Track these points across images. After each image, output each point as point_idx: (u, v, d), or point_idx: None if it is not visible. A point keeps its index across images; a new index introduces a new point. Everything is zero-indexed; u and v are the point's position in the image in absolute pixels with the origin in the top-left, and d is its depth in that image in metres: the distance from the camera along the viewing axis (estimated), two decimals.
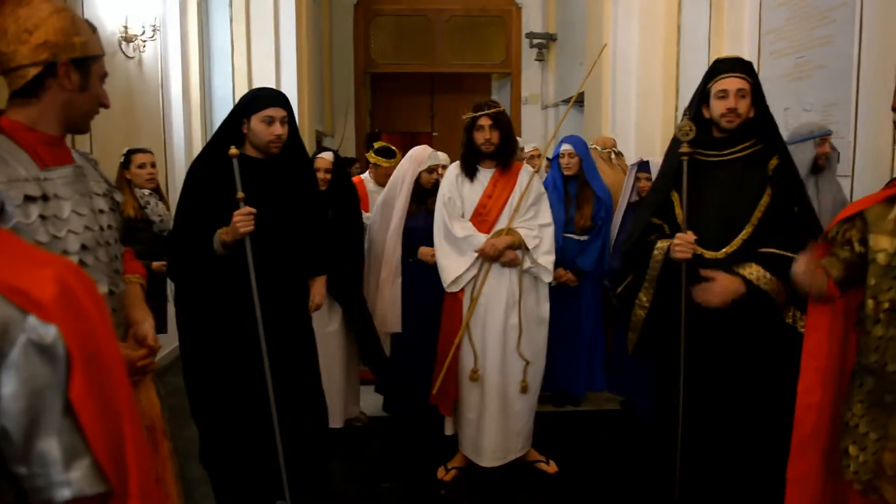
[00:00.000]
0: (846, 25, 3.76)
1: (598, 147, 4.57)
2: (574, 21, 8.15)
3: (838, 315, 2.12)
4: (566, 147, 4.04)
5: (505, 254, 3.12)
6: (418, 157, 3.80)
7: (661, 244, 2.63)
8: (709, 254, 2.54)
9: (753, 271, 2.46)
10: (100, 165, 1.75)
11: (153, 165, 3.84)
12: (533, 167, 3.46)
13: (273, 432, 2.50)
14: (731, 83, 2.53)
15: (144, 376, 1.65)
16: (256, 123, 2.51)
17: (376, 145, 4.52)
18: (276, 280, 2.55)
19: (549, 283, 3.28)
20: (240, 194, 2.39)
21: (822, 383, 2.14)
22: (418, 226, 3.65)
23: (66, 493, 0.87)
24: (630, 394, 4.10)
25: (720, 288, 2.47)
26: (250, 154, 2.55)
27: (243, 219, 2.37)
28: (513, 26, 9.69)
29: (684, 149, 2.56)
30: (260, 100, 2.54)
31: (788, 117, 4.29)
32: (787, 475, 2.19)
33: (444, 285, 3.20)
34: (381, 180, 4.32)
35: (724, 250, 2.53)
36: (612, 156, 4.60)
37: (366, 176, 4.55)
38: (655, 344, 2.76)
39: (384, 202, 3.82)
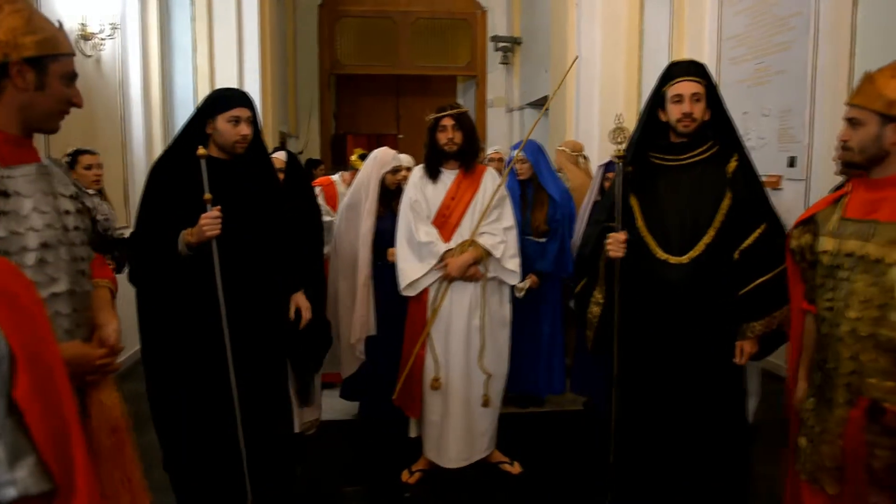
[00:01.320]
0: (803, 33, 3.86)
1: (567, 150, 4.65)
2: (539, 26, 8.23)
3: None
4: (515, 153, 4.09)
5: (468, 270, 3.16)
6: (382, 159, 3.79)
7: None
8: (673, 259, 2.56)
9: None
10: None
11: (100, 167, 3.90)
12: (495, 170, 3.51)
13: (237, 438, 2.47)
14: (686, 87, 2.55)
15: (104, 377, 1.63)
16: (222, 123, 2.48)
17: (358, 152, 4.54)
18: (243, 283, 2.51)
19: (518, 296, 3.27)
20: (207, 195, 2.36)
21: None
22: (386, 228, 3.64)
23: (11, 492, 0.87)
24: (593, 393, 4.14)
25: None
26: (214, 155, 2.51)
27: (210, 222, 2.34)
28: (478, 29, 9.74)
29: (617, 153, 2.60)
30: (226, 100, 2.52)
31: (747, 121, 4.38)
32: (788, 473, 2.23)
33: (400, 288, 3.22)
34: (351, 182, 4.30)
35: (688, 255, 2.53)
36: (581, 159, 4.68)
37: (336, 177, 4.53)
38: (610, 342, 2.79)
39: (349, 206, 3.80)
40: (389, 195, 3.74)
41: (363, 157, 4.40)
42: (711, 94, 2.58)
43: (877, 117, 1.85)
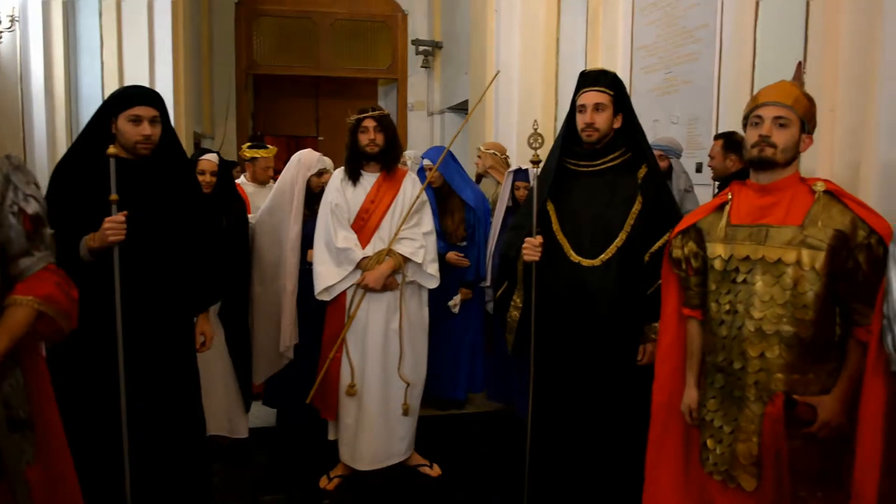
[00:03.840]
0: (709, 44, 4.04)
1: (497, 153, 4.71)
2: (459, 30, 8.30)
3: (683, 320, 2.28)
4: (426, 162, 4.11)
5: (386, 281, 3.16)
6: (307, 161, 3.73)
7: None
8: (586, 261, 2.63)
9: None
10: None
11: None
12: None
13: (122, 453, 2.37)
14: (589, 98, 2.63)
15: None
16: (123, 123, 2.38)
17: (247, 145, 4.42)
18: (146, 293, 2.41)
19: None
20: (113, 196, 2.26)
21: (671, 382, 2.29)
22: (310, 232, 3.59)
23: None
24: (511, 398, 4.19)
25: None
26: (120, 155, 2.41)
27: (114, 226, 2.24)
28: (399, 33, 9.73)
29: (533, 157, 2.68)
30: (127, 98, 2.41)
31: (658, 129, 4.55)
32: (645, 470, 2.32)
33: (315, 292, 3.19)
34: (261, 176, 4.20)
35: (600, 257, 2.62)
36: (507, 161, 4.75)
37: (241, 179, 4.41)
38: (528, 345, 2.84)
39: (271, 209, 3.70)
40: (314, 198, 3.68)
41: (252, 146, 4.32)
42: (619, 104, 2.66)
43: (799, 122, 1.97)
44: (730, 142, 3.45)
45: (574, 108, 2.70)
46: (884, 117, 2.36)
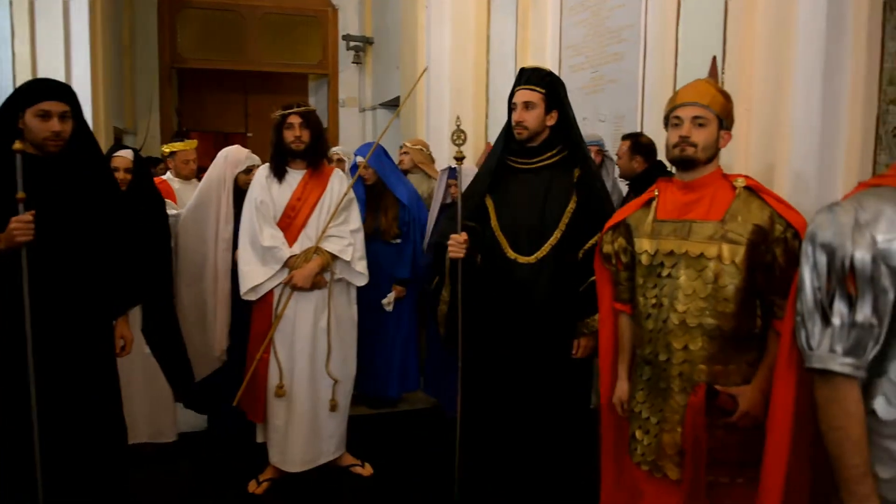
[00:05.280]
0: (634, 44, 4.13)
1: (423, 148, 4.70)
2: (390, 26, 8.24)
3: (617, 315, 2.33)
4: (359, 159, 4.08)
5: (314, 279, 3.11)
6: (234, 158, 3.63)
7: None
8: (522, 258, 2.66)
9: None
10: None
11: None
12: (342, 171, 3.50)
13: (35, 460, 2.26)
14: (519, 96, 2.67)
15: None
16: (31, 118, 2.25)
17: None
18: (58, 296, 2.29)
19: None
20: (20, 194, 2.15)
21: (611, 377, 2.34)
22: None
23: None
24: (442, 394, 4.20)
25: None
26: (29, 151, 2.28)
27: (21, 226, 2.12)
28: (329, 28, 9.59)
29: (456, 154, 2.70)
30: (35, 92, 2.29)
31: (586, 126, 4.62)
32: (601, 467, 2.37)
33: (241, 292, 3.12)
34: (183, 170, 4.08)
35: (535, 255, 2.65)
36: (432, 155, 4.75)
37: (168, 175, 4.27)
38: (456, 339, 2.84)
39: (197, 207, 3.58)
40: (242, 196, 3.58)
41: (176, 138, 4.22)
42: (552, 102, 2.69)
43: (717, 120, 2.03)
44: (636, 144, 3.56)
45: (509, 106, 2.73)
46: (797, 116, 2.45)
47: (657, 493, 2.11)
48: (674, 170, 2.18)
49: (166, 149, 4.18)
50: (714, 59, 3.10)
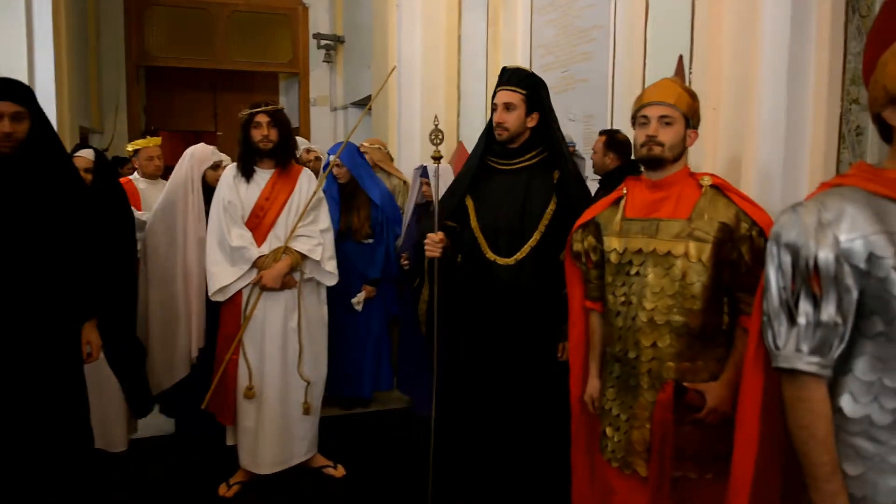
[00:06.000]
0: (603, 44, 4.16)
1: (381, 147, 4.69)
2: (361, 25, 8.20)
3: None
4: (332, 158, 4.06)
5: (283, 279, 3.09)
6: (201, 155, 3.59)
7: None
8: (501, 260, 2.66)
9: None
10: None
11: None
12: (313, 169, 3.46)
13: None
14: (500, 97, 2.67)
15: None
16: None
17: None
18: (20, 299, 2.24)
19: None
20: None
21: (583, 374, 2.35)
22: None
23: None
24: (416, 393, 4.19)
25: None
26: None
27: None
28: (300, 26, 9.51)
29: (434, 153, 2.68)
30: None
31: None
32: (572, 466, 2.37)
33: (210, 293, 3.09)
34: (147, 167, 4.02)
35: (514, 256, 2.66)
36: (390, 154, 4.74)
37: (134, 176, 4.21)
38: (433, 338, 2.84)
39: (164, 208, 3.52)
40: (212, 193, 3.54)
41: (145, 135, 4.17)
42: (533, 104, 2.68)
43: (683, 119, 2.04)
44: (611, 140, 3.58)
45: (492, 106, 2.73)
46: (763, 115, 2.48)
47: (628, 489, 2.12)
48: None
49: (130, 147, 4.13)
50: (680, 57, 3.13)
